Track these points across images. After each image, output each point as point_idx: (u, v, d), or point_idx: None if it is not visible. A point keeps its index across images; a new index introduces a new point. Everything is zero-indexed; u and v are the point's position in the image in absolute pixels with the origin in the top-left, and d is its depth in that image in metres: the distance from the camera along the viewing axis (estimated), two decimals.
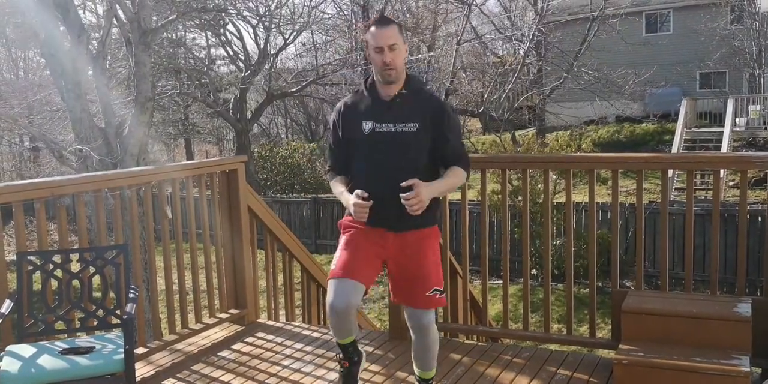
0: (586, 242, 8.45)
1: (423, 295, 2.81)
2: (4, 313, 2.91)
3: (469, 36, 20.38)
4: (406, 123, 2.79)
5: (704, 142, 19.88)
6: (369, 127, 2.82)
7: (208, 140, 31.87)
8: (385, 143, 2.79)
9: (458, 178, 2.87)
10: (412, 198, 2.62)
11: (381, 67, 2.76)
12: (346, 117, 2.90)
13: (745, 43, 22.45)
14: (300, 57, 23.75)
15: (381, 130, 2.80)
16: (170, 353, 3.89)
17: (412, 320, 2.88)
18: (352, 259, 2.77)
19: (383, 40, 2.73)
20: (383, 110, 2.82)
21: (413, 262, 2.83)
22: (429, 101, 2.88)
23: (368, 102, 2.87)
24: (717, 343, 3.09)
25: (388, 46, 2.73)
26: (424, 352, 2.96)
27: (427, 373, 3.03)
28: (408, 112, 2.81)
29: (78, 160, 8.80)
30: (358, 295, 2.71)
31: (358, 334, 2.92)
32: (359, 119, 2.85)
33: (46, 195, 3.31)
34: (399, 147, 2.79)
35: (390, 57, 2.73)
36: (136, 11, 8.88)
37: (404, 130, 2.79)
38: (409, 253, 2.83)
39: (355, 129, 2.85)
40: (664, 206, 3.62)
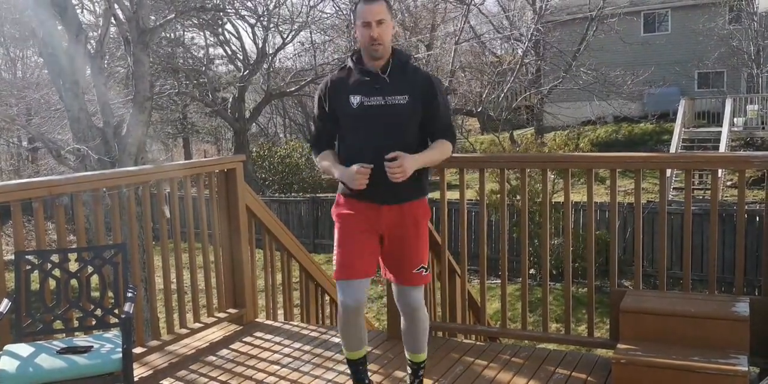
0: (584, 242, 8.46)
1: (410, 273, 2.87)
2: (2, 312, 2.91)
3: (468, 35, 20.39)
4: (396, 96, 2.79)
5: (702, 142, 19.90)
6: (357, 101, 2.81)
7: (207, 140, 31.86)
8: (374, 116, 2.79)
9: (443, 150, 2.90)
10: (395, 166, 2.66)
11: (368, 42, 2.75)
12: (333, 92, 2.88)
13: (744, 42, 22.47)
14: (298, 56, 23.77)
15: (370, 104, 2.79)
16: (168, 353, 3.88)
17: (401, 301, 2.93)
18: (352, 255, 2.81)
19: (371, 15, 2.72)
20: (371, 84, 2.81)
21: (403, 237, 2.88)
22: (418, 74, 2.89)
23: (356, 76, 2.86)
24: (715, 342, 3.09)
25: (375, 21, 2.72)
26: (414, 333, 3.00)
27: (418, 355, 3.06)
28: (397, 84, 2.81)
29: (76, 159, 8.80)
30: (366, 290, 2.83)
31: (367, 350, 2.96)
32: (347, 94, 2.83)
33: (44, 194, 3.31)
34: (389, 119, 2.80)
35: (377, 32, 2.72)
36: (135, 10, 8.87)
37: (394, 102, 2.79)
38: (400, 226, 2.87)
39: (342, 104, 2.84)
40: (663, 206, 3.62)
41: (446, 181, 3.94)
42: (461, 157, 3.80)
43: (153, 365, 3.70)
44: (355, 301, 2.78)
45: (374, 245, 2.88)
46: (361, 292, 2.80)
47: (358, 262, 2.81)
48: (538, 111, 23.27)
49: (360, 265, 2.81)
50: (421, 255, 2.91)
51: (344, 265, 2.80)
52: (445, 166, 3.80)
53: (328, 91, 2.89)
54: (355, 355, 2.98)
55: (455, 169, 3.97)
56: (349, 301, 2.77)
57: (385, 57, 2.82)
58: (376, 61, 2.81)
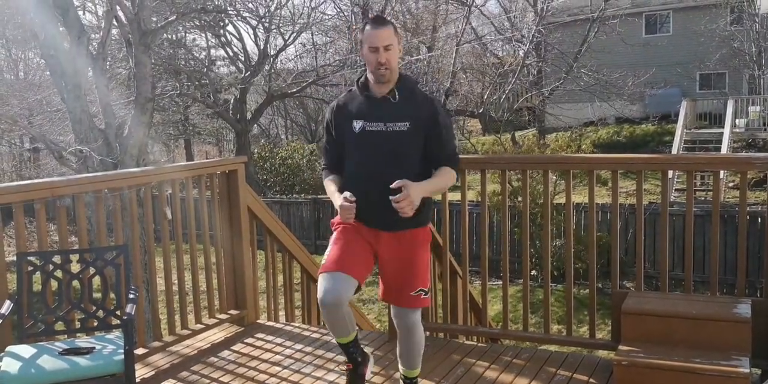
0: (586, 243, 8.45)
1: (408, 295, 2.85)
2: (4, 313, 2.91)
3: (469, 37, 20.38)
4: (397, 122, 2.79)
5: (704, 143, 19.89)
6: (359, 126, 2.82)
7: (208, 141, 31.87)
8: (375, 143, 2.79)
9: (448, 177, 2.88)
10: (402, 200, 2.61)
11: (375, 67, 2.76)
12: (338, 117, 2.92)
13: (745, 44, 22.46)
14: (300, 58, 23.77)
15: (371, 130, 2.80)
16: (170, 354, 3.89)
17: (397, 319, 2.93)
18: (343, 253, 2.76)
19: (379, 40, 2.73)
20: (374, 109, 2.82)
21: (403, 262, 2.85)
22: (422, 101, 2.87)
23: (360, 101, 2.87)
24: (717, 344, 3.09)
25: (383, 46, 2.73)
26: (409, 351, 3.00)
27: (411, 371, 3.07)
28: (399, 111, 2.81)
29: (78, 160, 8.80)
30: (349, 289, 2.69)
31: (358, 333, 2.93)
32: (350, 119, 2.86)
33: (46, 196, 3.31)
34: (389, 146, 2.79)
35: (385, 57, 2.73)
36: (136, 12, 8.88)
37: (394, 129, 2.78)
38: (400, 252, 2.84)
39: (346, 129, 2.86)
40: (664, 207, 3.62)
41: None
42: (463, 159, 3.79)
43: (155, 366, 3.71)
44: (335, 297, 2.62)
45: (368, 256, 2.83)
46: (343, 289, 2.65)
47: (348, 260, 2.73)
48: (539, 112, 23.26)
49: (352, 264, 2.73)
50: (421, 278, 2.86)
51: (335, 260, 2.72)
52: None
53: (334, 115, 2.93)
54: (344, 340, 2.91)
55: None
56: (328, 297, 2.62)
57: (392, 81, 2.82)
58: (383, 85, 2.82)
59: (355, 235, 2.83)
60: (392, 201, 2.62)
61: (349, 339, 2.87)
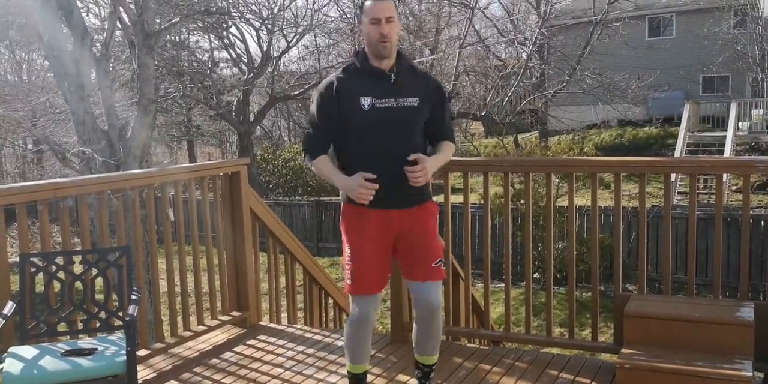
0: (588, 246, 8.43)
1: (429, 266, 2.83)
2: (7, 314, 2.91)
3: (472, 39, 20.36)
4: (408, 98, 2.75)
5: (707, 146, 19.85)
6: (368, 103, 2.73)
7: (211, 143, 31.88)
8: (385, 119, 2.74)
9: (451, 151, 2.93)
10: (419, 170, 2.65)
11: (377, 39, 2.70)
12: (342, 93, 2.76)
13: (748, 47, 22.44)
14: (303, 60, 23.80)
15: (381, 106, 2.73)
16: (172, 355, 3.89)
17: (422, 300, 2.85)
18: (365, 269, 2.79)
19: (381, 11, 2.68)
20: (382, 85, 2.75)
21: (418, 236, 2.85)
22: (426, 77, 2.88)
23: (364, 77, 2.78)
24: (719, 347, 3.08)
25: (385, 18, 2.68)
26: (432, 335, 2.94)
27: (431, 357, 3.02)
28: (407, 86, 2.78)
29: (81, 162, 8.82)
30: (378, 304, 2.86)
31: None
32: (356, 95, 2.74)
33: (49, 197, 3.32)
34: (400, 123, 2.76)
35: (387, 29, 2.68)
36: (140, 14, 8.90)
37: (405, 104, 2.75)
38: (413, 227, 2.85)
39: (352, 106, 2.74)
40: (667, 210, 3.62)
41: (450, 185, 3.94)
42: (465, 161, 3.81)
43: (157, 368, 3.71)
44: (368, 314, 2.81)
45: (387, 256, 2.87)
46: (374, 305, 2.83)
47: (372, 276, 2.80)
48: (542, 115, 23.25)
49: (374, 279, 2.81)
50: (437, 249, 2.89)
51: (358, 279, 2.79)
52: (449, 169, 3.80)
53: (336, 91, 2.77)
54: (359, 369, 2.98)
55: (459, 172, 3.97)
56: (363, 314, 2.79)
57: (392, 57, 2.78)
58: (383, 60, 2.76)
59: (368, 235, 2.80)
60: (407, 171, 2.66)
61: (365, 368, 2.96)
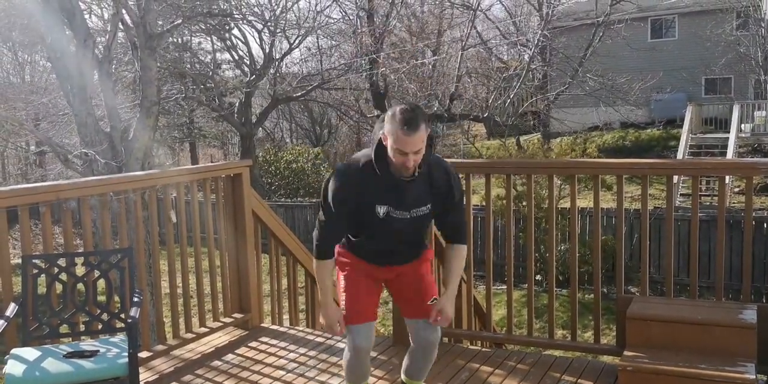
0: (590, 248, 8.43)
1: (426, 305, 2.89)
2: (9, 316, 2.92)
3: (474, 41, 20.38)
4: (420, 207, 2.76)
5: (709, 148, 19.84)
6: (383, 211, 2.71)
7: (213, 144, 31.90)
8: (398, 227, 2.78)
9: (463, 259, 2.93)
10: (444, 320, 2.78)
11: (401, 166, 2.61)
12: (358, 196, 2.71)
13: (751, 49, 22.42)
14: (305, 61, 23.78)
15: (395, 216, 2.74)
16: (174, 357, 3.89)
17: (424, 334, 2.91)
18: (360, 300, 2.89)
19: (409, 146, 2.54)
20: (398, 195, 2.70)
21: (412, 279, 2.96)
22: (438, 178, 2.77)
23: (382, 184, 2.68)
24: (722, 349, 3.08)
25: (413, 152, 2.56)
26: (424, 365, 3.03)
27: (417, 382, 3.11)
28: (421, 194, 2.73)
29: (83, 163, 8.82)
30: (373, 333, 2.93)
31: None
32: (373, 202, 2.70)
33: (51, 198, 3.32)
34: (411, 228, 2.83)
35: (412, 161, 2.58)
36: (142, 16, 8.91)
37: (417, 215, 2.77)
38: (413, 269, 2.96)
39: (368, 210, 2.72)
40: (670, 212, 3.61)
41: None
42: (467, 163, 3.80)
43: (158, 370, 3.71)
44: (367, 343, 2.88)
45: (378, 288, 3.01)
46: (372, 334, 2.90)
47: (366, 306, 2.90)
48: (544, 117, 23.25)
49: (368, 309, 2.90)
50: (431, 287, 2.96)
51: (354, 310, 2.86)
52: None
53: (356, 193, 2.70)
54: None
55: (461, 174, 3.97)
56: (362, 344, 2.85)
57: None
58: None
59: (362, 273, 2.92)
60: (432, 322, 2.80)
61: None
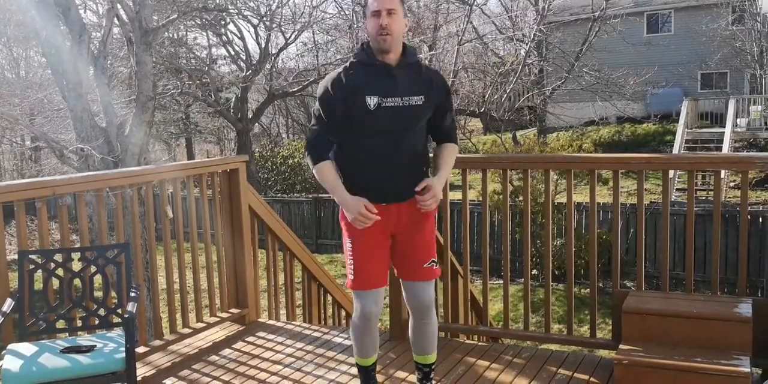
0: (586, 243, 8.45)
1: (421, 267, 2.84)
2: (6, 311, 2.91)
3: (470, 36, 20.35)
4: (413, 96, 2.70)
5: (705, 143, 19.89)
6: (374, 102, 2.66)
7: (209, 140, 31.83)
8: (391, 118, 2.68)
9: (454, 156, 2.91)
10: (429, 198, 2.66)
11: (376, 32, 2.62)
12: (348, 90, 2.68)
13: (747, 43, 22.45)
14: (301, 56, 23.71)
15: (387, 105, 2.67)
16: (171, 352, 3.89)
17: (413, 299, 2.88)
18: (368, 265, 2.79)
19: (382, 3, 2.61)
20: (387, 82, 2.68)
21: (413, 233, 2.85)
22: (432, 74, 2.82)
23: (370, 74, 2.70)
24: (717, 343, 3.09)
25: (386, 9, 2.61)
26: (427, 333, 2.95)
27: (430, 357, 3.01)
28: (413, 84, 2.72)
29: (79, 159, 8.81)
30: (383, 298, 2.85)
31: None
32: (362, 94, 2.67)
33: (47, 194, 3.32)
34: (405, 121, 2.72)
35: (387, 21, 2.60)
36: (137, 10, 8.88)
37: (410, 103, 2.70)
38: (410, 222, 2.83)
39: (358, 104, 2.67)
40: (665, 207, 3.62)
41: (449, 182, 3.95)
42: (464, 158, 3.80)
43: (156, 365, 3.71)
44: (376, 308, 2.81)
45: (387, 251, 2.87)
46: (380, 300, 2.83)
47: (375, 271, 2.81)
48: (540, 111, 23.25)
49: (375, 274, 2.81)
50: (431, 249, 2.88)
51: (362, 276, 2.79)
52: None
53: (343, 88, 2.69)
54: (367, 362, 2.98)
55: (458, 169, 3.97)
56: (371, 308, 2.79)
57: (395, 52, 2.69)
58: (388, 54, 2.68)
59: (370, 235, 2.79)
60: (418, 200, 2.68)
61: (374, 360, 2.96)
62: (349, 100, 2.69)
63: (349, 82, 2.70)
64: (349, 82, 2.71)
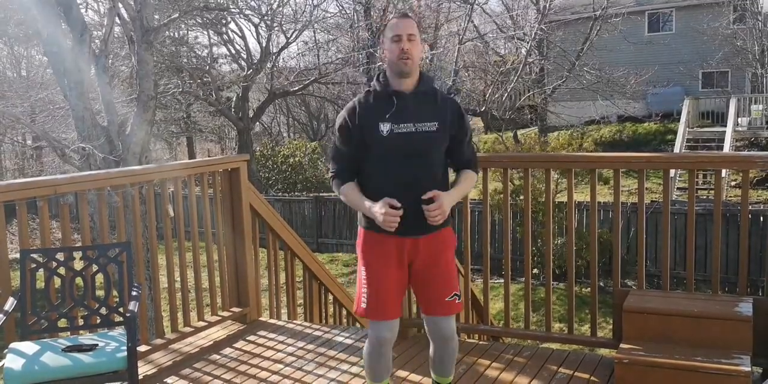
0: (587, 242, 8.45)
1: (444, 301, 2.81)
2: (8, 310, 2.92)
3: (471, 35, 20.37)
4: (426, 122, 2.71)
5: (706, 142, 19.87)
6: (387, 128, 2.68)
7: (210, 139, 31.84)
8: (403, 145, 2.69)
9: (471, 182, 2.88)
10: (435, 209, 2.63)
11: (397, 56, 2.67)
12: (361, 118, 2.73)
13: (748, 42, 22.42)
14: (302, 56, 23.73)
15: (400, 132, 2.68)
16: (172, 351, 3.90)
17: (436, 330, 2.86)
18: (383, 295, 2.76)
19: (402, 29, 2.68)
20: (401, 109, 2.71)
21: (436, 269, 2.82)
22: (447, 100, 2.81)
23: (384, 101, 2.73)
24: (718, 342, 3.09)
25: (407, 34, 2.67)
26: (446, 360, 2.95)
27: (447, 378, 3.03)
28: (427, 110, 2.73)
29: (81, 158, 8.81)
30: (396, 328, 2.82)
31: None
32: (375, 120, 2.70)
33: (49, 193, 3.32)
34: (418, 148, 2.71)
35: (407, 45, 2.67)
36: (139, 10, 8.88)
37: (424, 130, 2.70)
38: (432, 257, 2.80)
39: (371, 131, 2.70)
40: (666, 206, 3.63)
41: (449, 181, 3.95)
42: None
43: (157, 363, 3.72)
44: (389, 335, 2.79)
45: (403, 280, 2.84)
46: (396, 326, 2.80)
47: (390, 302, 2.78)
48: (541, 110, 23.26)
49: (391, 305, 2.78)
50: (452, 282, 2.85)
51: (376, 305, 2.76)
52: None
53: (358, 116, 2.73)
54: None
55: None
56: (386, 335, 2.77)
57: (413, 76, 2.73)
58: (404, 79, 2.71)
59: (384, 259, 2.77)
60: (425, 210, 2.64)
61: (387, 381, 2.94)
62: (363, 127, 2.72)
63: (362, 110, 2.75)
64: (362, 110, 2.75)
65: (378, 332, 2.78)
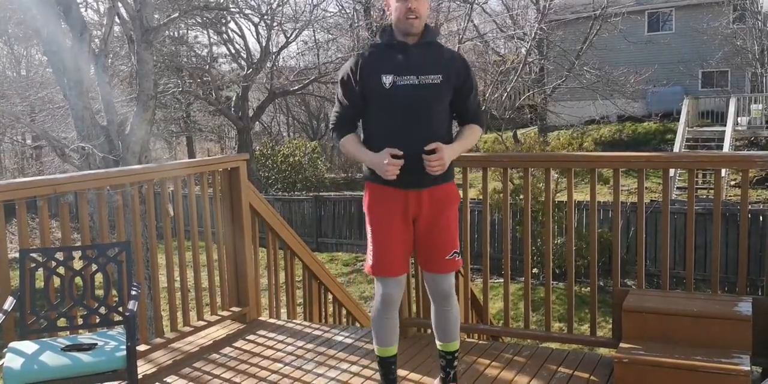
0: (587, 241, 8.46)
1: (443, 259, 2.84)
2: (7, 309, 2.92)
3: (471, 34, 20.36)
4: (429, 75, 2.69)
5: (706, 141, 19.87)
6: (390, 80, 2.67)
7: (210, 138, 31.84)
8: (406, 97, 2.68)
9: (475, 136, 2.88)
10: (436, 160, 2.62)
11: (404, 15, 2.64)
12: (364, 70, 2.72)
13: (748, 42, 22.42)
14: (302, 55, 23.74)
15: (403, 83, 2.67)
16: (172, 350, 3.90)
17: (434, 289, 2.90)
18: (389, 253, 2.80)
19: None
20: (404, 62, 2.69)
21: (438, 225, 2.82)
22: (451, 54, 2.81)
23: (387, 54, 2.72)
24: (717, 342, 3.09)
25: None
26: (448, 320, 2.96)
27: (452, 344, 3.01)
28: (430, 63, 2.71)
29: (80, 157, 8.80)
30: (403, 286, 2.87)
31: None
32: (378, 73, 2.69)
33: (48, 192, 3.32)
34: (421, 100, 2.70)
35: (415, 4, 2.63)
36: (138, 9, 8.88)
37: (427, 82, 2.69)
38: (430, 211, 2.80)
39: (374, 83, 2.70)
40: (666, 205, 3.62)
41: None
42: (464, 157, 3.80)
43: (157, 363, 3.72)
44: (396, 291, 2.82)
45: (409, 238, 2.85)
46: (402, 285, 2.85)
47: (395, 258, 2.81)
48: (541, 110, 23.26)
49: (397, 261, 2.82)
50: (453, 240, 2.86)
51: (381, 261, 2.80)
52: None
53: (359, 68, 2.73)
54: (388, 352, 2.95)
55: (458, 168, 3.97)
56: (387, 295, 2.80)
57: (419, 34, 2.71)
58: (410, 37, 2.70)
59: (389, 216, 2.78)
60: (425, 159, 2.63)
61: (394, 351, 2.94)
62: (365, 79, 2.72)
63: (365, 63, 2.74)
64: (365, 62, 2.75)
65: (385, 288, 2.80)
